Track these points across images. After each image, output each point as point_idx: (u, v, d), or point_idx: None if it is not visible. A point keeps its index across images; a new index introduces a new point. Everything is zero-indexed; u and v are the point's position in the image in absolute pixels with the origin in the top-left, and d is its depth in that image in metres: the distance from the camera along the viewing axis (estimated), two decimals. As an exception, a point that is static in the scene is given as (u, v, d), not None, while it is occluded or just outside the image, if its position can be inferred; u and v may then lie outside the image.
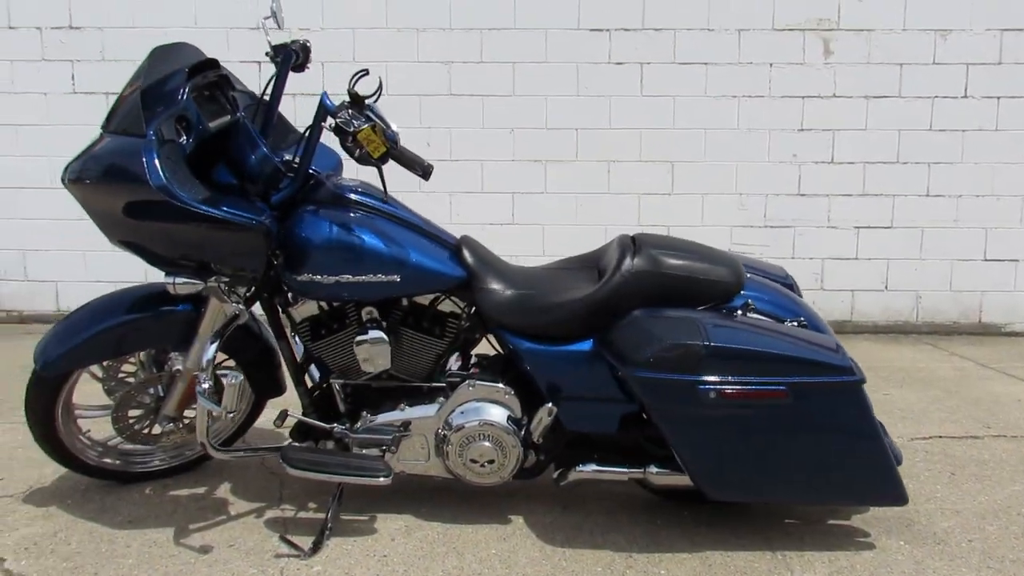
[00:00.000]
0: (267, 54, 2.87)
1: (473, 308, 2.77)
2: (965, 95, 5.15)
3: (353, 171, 2.93)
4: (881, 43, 5.10)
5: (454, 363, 2.88)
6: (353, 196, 2.67)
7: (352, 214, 2.63)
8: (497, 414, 2.71)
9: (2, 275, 5.43)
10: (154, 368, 2.93)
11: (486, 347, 2.93)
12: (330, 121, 2.55)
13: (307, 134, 2.61)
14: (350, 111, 2.51)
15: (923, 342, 5.15)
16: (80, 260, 5.40)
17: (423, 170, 2.52)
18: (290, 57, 2.75)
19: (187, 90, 2.49)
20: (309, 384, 2.89)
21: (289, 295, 2.76)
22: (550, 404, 2.64)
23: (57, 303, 5.45)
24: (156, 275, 5.30)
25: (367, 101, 2.54)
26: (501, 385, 2.73)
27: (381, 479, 2.68)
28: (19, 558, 2.58)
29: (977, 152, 5.19)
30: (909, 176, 5.24)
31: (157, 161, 2.34)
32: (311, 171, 2.69)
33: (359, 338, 2.67)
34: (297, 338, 2.86)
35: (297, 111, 2.89)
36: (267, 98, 2.81)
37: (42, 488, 3.04)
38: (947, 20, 5.07)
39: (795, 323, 2.63)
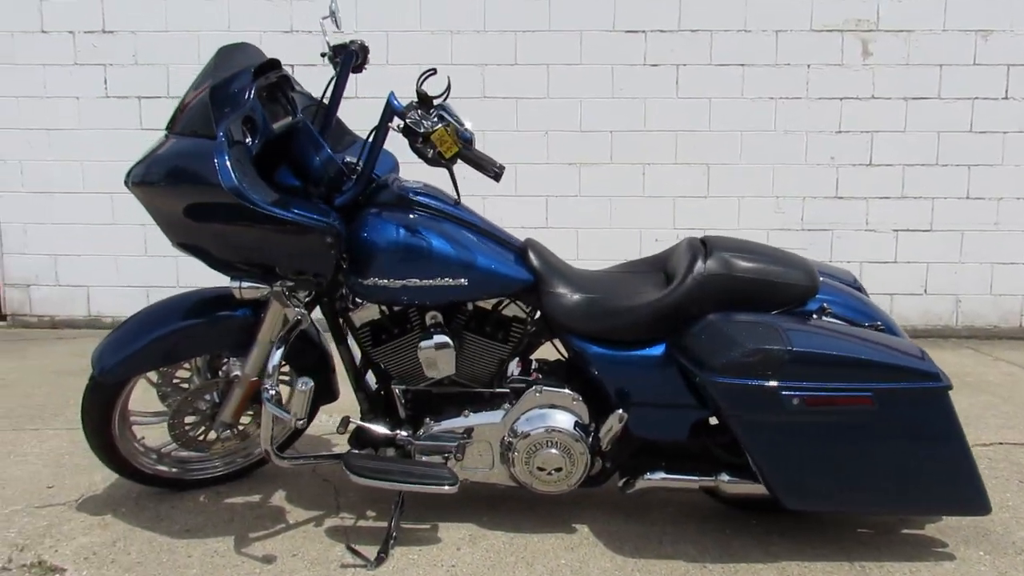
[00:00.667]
0: (324, 55, 2.83)
1: (538, 312, 2.71)
2: (1006, 96, 5.09)
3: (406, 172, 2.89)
4: (920, 44, 5.05)
5: (514, 368, 2.82)
6: (417, 198, 2.62)
7: (418, 216, 2.58)
8: (565, 421, 2.65)
9: (34, 280, 5.40)
10: (209, 374, 2.88)
11: (544, 352, 2.87)
12: (397, 122, 2.50)
13: (372, 135, 2.56)
14: (419, 111, 2.46)
15: (964, 347, 5.09)
16: (112, 265, 5.36)
17: (495, 171, 2.47)
18: (351, 57, 2.70)
19: (253, 91, 2.44)
20: (369, 390, 2.84)
21: (349, 299, 2.71)
22: (621, 410, 2.58)
23: (88, 308, 5.41)
24: (188, 280, 5.29)
25: (436, 101, 2.49)
26: (568, 391, 2.67)
27: (446, 487, 2.63)
28: (80, 568, 2.53)
29: (1018, 154, 5.13)
30: (949, 178, 5.18)
31: (228, 162, 2.29)
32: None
33: (423, 343, 2.61)
34: (356, 343, 2.80)
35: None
36: (326, 100, 2.76)
37: (95, 496, 2.99)
38: (988, 21, 5.01)
39: (872, 327, 2.57)
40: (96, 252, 5.36)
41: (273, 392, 2.49)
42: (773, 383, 2.36)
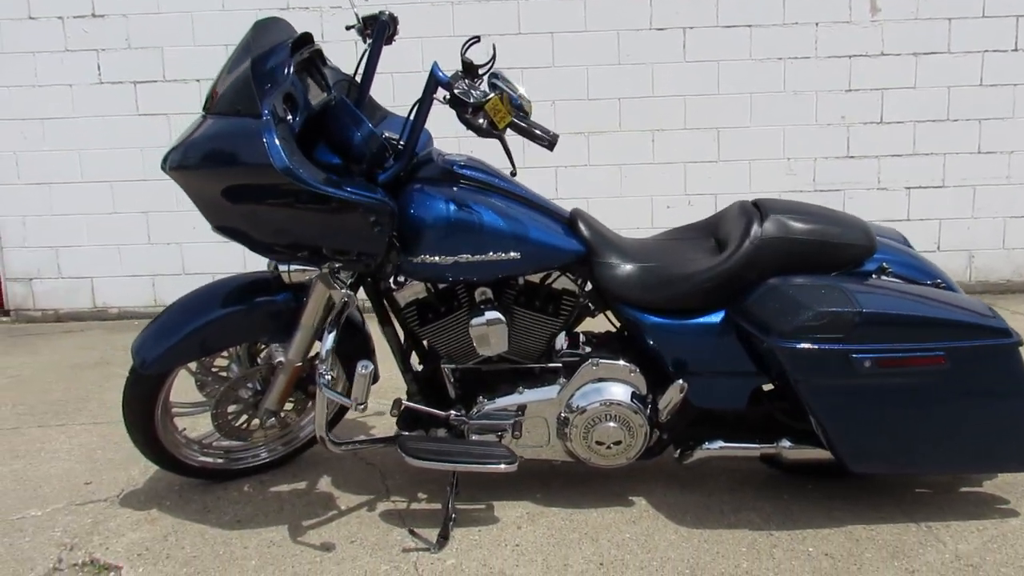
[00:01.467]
0: (351, 27, 2.74)
1: (588, 283, 2.65)
2: (1015, 48, 5.05)
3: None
4: (928, -2, 5.00)
5: (562, 342, 2.76)
6: (463, 171, 2.55)
7: (465, 190, 2.51)
8: (622, 393, 2.60)
9: (36, 274, 5.26)
10: (248, 361, 2.80)
11: (589, 324, 2.82)
12: (442, 93, 2.42)
13: (415, 108, 2.47)
14: (466, 81, 2.38)
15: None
16: (115, 255, 5.24)
17: (548, 140, 2.39)
18: (384, 28, 2.62)
19: (292, 66, 2.35)
20: (416, 371, 2.77)
21: (393, 278, 2.64)
22: (681, 381, 2.54)
23: (93, 299, 5.29)
24: (193, 267, 5.19)
25: (481, 70, 2.41)
26: (625, 362, 2.62)
27: (505, 466, 2.57)
28: (135, 565, 2.46)
29: (1028, 106, 5.11)
30: (960, 133, 5.15)
31: (278, 141, 2.20)
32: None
33: (475, 320, 2.55)
34: (399, 323, 2.74)
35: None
36: (359, 75, 2.68)
37: (136, 490, 2.91)
38: (996, -29, 4.97)
39: (934, 285, 2.53)
40: (98, 242, 5.23)
41: (329, 377, 2.42)
42: (844, 346, 2.32)
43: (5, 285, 5.29)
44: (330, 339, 2.46)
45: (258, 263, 2.72)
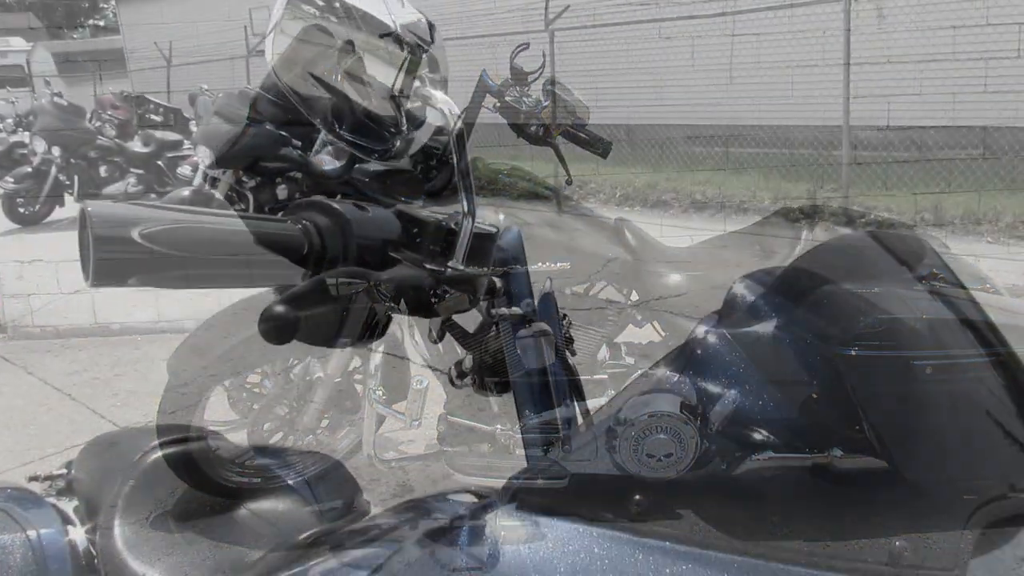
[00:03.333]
0: (386, 35, 2.68)
1: (634, 292, 2.62)
2: (1018, 55, 5.10)
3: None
4: (934, 5, 5.04)
5: (604, 352, 2.72)
6: (508, 179, 2.50)
7: (512, 199, 2.46)
8: (673, 404, 2.54)
9: (34, 289, 5.15)
10: (280, 376, 2.73)
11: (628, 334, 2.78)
12: (490, 101, 2.38)
13: (462, 117, 2.42)
14: (517, 88, 2.34)
15: (989, 305, 5.10)
16: (117, 269, 5.13)
17: (603, 147, 2.36)
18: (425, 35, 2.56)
19: (339, 74, 2.29)
20: (455, 383, 2.71)
21: (435, 290, 2.58)
22: (733, 390, 2.49)
23: (94, 315, 5.18)
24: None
25: (530, 77, 2.37)
26: (673, 372, 2.57)
27: (556, 481, 2.51)
28: (177, 590, 2.38)
29: (1033, 111, 5.16)
30: (965, 138, 5.20)
31: (332, 149, 2.15)
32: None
33: (522, 332, 2.48)
34: (439, 335, 2.68)
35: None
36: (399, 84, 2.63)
37: (165, 511, 2.82)
38: (1000, -21, 5.03)
39: (983, 289, 2.52)
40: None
41: (380, 392, 2.36)
42: (906, 352, 2.28)
43: (2, 301, 5.18)
44: (379, 354, 2.40)
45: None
